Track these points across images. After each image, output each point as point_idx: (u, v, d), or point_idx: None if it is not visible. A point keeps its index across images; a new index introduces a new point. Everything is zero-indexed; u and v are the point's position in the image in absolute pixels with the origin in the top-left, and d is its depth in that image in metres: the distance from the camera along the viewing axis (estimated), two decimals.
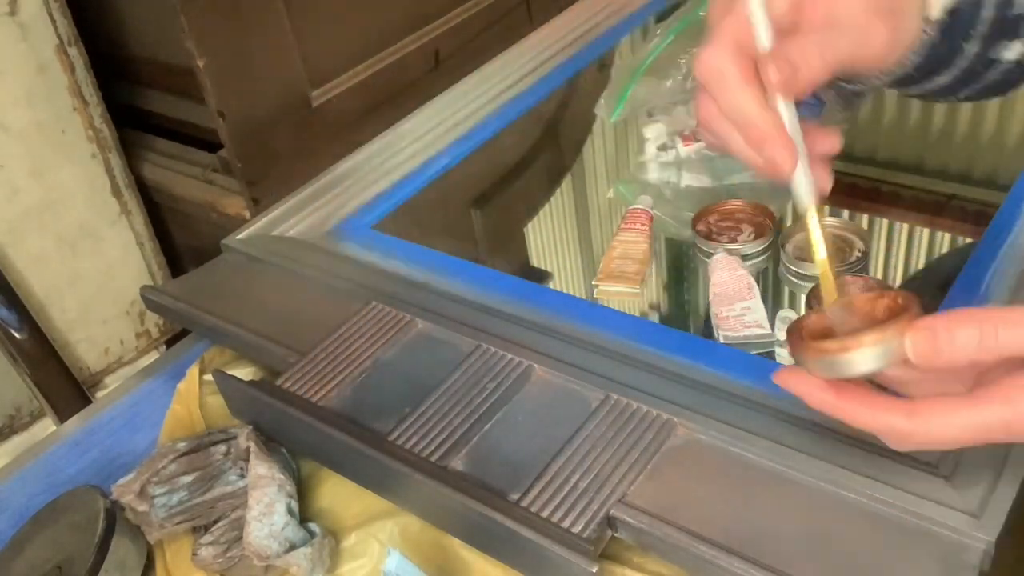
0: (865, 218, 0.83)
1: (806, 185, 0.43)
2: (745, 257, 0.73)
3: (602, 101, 0.94)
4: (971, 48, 0.47)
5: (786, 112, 0.41)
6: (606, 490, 0.52)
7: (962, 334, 0.39)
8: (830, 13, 0.42)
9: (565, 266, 0.89)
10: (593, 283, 0.74)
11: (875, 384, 0.43)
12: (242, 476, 0.59)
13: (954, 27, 0.46)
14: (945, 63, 0.48)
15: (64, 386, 1.02)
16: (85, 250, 1.05)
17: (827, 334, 0.43)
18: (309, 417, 0.59)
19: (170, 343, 1.13)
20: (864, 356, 0.40)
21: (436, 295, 0.68)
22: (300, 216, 0.83)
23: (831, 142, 0.45)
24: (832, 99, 0.65)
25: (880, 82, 0.48)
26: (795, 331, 0.43)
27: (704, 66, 0.42)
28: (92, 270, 1.07)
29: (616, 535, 0.52)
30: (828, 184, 0.44)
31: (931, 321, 0.40)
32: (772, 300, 0.69)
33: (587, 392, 0.59)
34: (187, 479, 0.59)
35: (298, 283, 0.75)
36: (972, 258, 0.65)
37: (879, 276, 0.67)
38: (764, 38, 0.42)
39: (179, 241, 1.18)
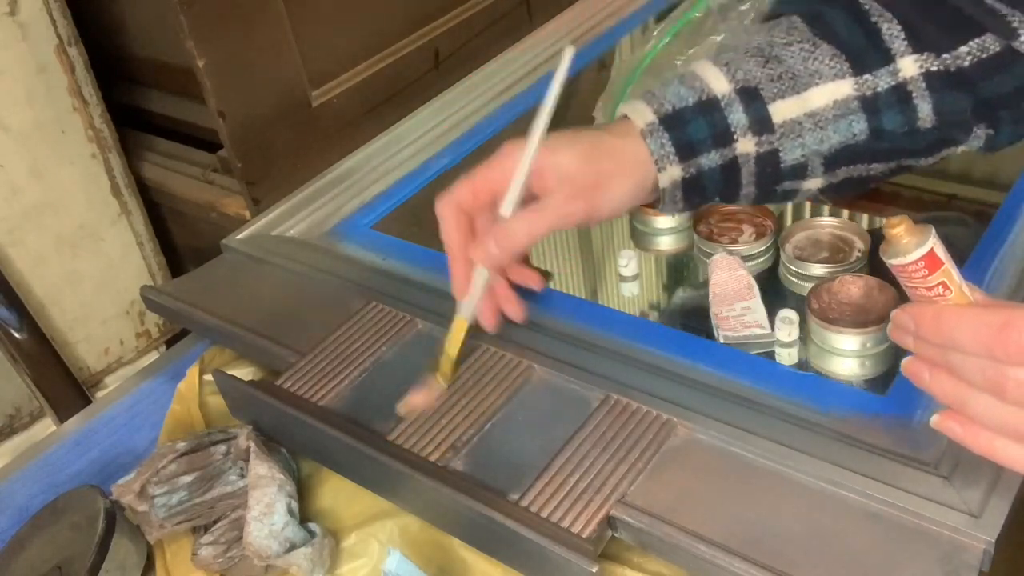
0: (865, 218, 0.83)
1: (468, 308, 0.59)
2: (745, 258, 0.73)
3: (600, 104, 0.93)
4: (748, 190, 0.57)
5: (479, 276, 0.58)
6: (606, 490, 0.52)
7: None
8: (543, 192, 0.56)
9: (565, 266, 0.89)
10: None
11: None
12: (242, 476, 0.59)
13: (698, 187, 0.57)
14: (729, 197, 0.58)
15: (64, 386, 1.02)
16: (85, 250, 1.05)
17: None
18: (309, 417, 0.59)
19: (170, 343, 1.13)
20: None
21: (436, 295, 0.68)
22: (300, 216, 0.83)
23: (534, 280, 0.64)
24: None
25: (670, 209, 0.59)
26: None
27: (440, 203, 0.58)
28: (92, 270, 1.06)
29: (616, 535, 0.52)
30: (518, 311, 0.62)
31: None
32: (772, 300, 0.68)
33: (587, 392, 0.59)
34: (187, 479, 0.59)
35: (298, 283, 0.75)
36: (972, 258, 0.65)
37: (879, 276, 0.67)
38: (508, 207, 0.55)
39: (179, 241, 1.18)
